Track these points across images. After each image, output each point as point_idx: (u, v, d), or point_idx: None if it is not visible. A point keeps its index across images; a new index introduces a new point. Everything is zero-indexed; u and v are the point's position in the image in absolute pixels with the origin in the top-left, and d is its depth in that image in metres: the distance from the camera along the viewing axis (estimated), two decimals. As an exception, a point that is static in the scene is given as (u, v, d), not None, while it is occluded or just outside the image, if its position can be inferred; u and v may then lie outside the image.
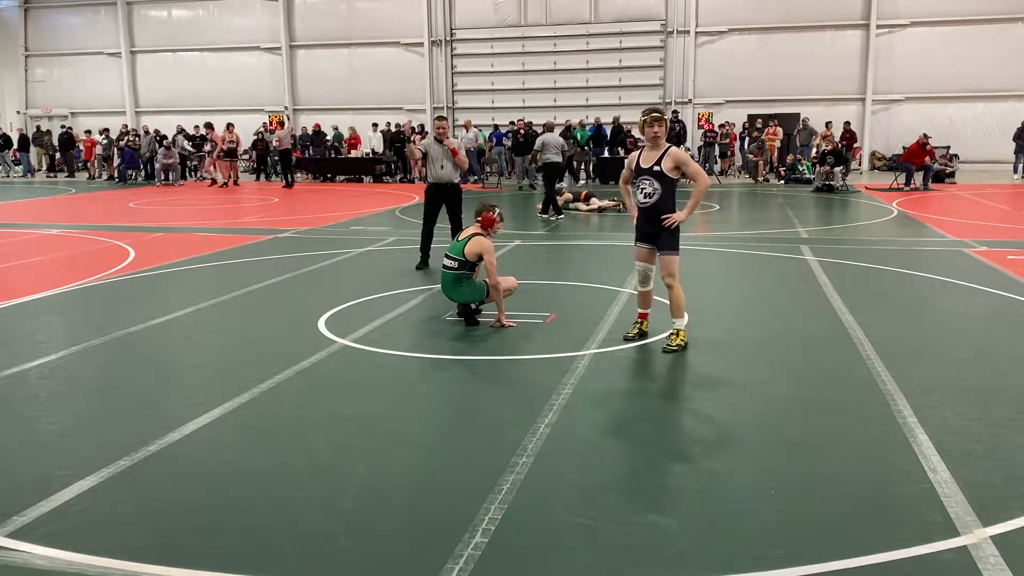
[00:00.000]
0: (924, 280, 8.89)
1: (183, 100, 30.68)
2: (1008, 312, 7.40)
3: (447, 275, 7.03)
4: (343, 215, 15.84)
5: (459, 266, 6.96)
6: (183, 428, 4.70)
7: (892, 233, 12.85)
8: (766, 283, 9.16)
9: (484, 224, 7.14)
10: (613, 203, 16.21)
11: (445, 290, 7.11)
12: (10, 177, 28.29)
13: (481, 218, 7.16)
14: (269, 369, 5.81)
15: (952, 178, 22.02)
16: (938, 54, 24.84)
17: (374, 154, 25.91)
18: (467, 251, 6.95)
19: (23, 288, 8.84)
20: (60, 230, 13.83)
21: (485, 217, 7.14)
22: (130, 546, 3.39)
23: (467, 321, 7.02)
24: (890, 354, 5.96)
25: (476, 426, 4.80)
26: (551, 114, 26.94)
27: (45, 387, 5.62)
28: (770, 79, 25.93)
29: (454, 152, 9.59)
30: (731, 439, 4.51)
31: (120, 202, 19.54)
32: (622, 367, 5.87)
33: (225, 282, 9.07)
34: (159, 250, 11.49)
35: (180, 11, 31.20)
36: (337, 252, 11.11)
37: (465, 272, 6.98)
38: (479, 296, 7.04)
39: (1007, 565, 3.14)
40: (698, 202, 6.10)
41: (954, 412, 4.81)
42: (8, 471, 4.20)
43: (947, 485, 3.84)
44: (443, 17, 28.35)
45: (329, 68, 29.67)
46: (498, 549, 3.33)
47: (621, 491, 3.90)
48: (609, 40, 26.96)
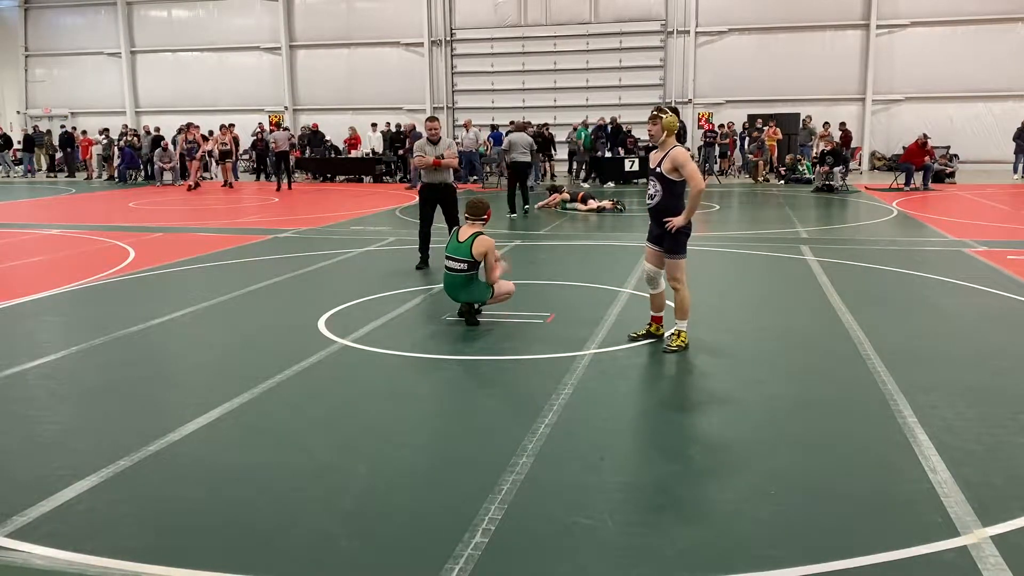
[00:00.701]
0: (924, 280, 8.89)
1: (183, 100, 30.69)
2: (1008, 312, 7.40)
3: (456, 277, 6.99)
4: (343, 215, 15.84)
5: (468, 267, 6.96)
6: (183, 428, 4.70)
7: (892, 233, 12.85)
8: (766, 283, 9.16)
9: (485, 220, 7.15)
10: (611, 203, 16.24)
11: (451, 292, 7.08)
12: (10, 177, 28.29)
13: (486, 215, 7.16)
14: (269, 369, 5.81)
15: (952, 178, 22.02)
16: (938, 54, 24.84)
17: (374, 154, 25.91)
18: (475, 251, 6.94)
19: (23, 288, 8.84)
20: (60, 230, 13.83)
21: (488, 214, 7.17)
22: (130, 546, 3.39)
23: (467, 321, 7.02)
24: (890, 354, 5.96)
25: (476, 426, 4.80)
26: (551, 114, 27.03)
27: (45, 387, 5.62)
28: (770, 79, 25.93)
29: (436, 163, 9.54)
30: (731, 439, 4.51)
31: (120, 202, 19.54)
32: (622, 367, 5.86)
33: (225, 282, 9.07)
34: (159, 250, 11.49)
35: (180, 11, 31.20)
36: (337, 252, 11.11)
37: (474, 273, 6.98)
38: (486, 295, 7.04)
39: (1007, 565, 3.14)
40: (695, 206, 6.01)
41: (954, 412, 4.81)
42: (8, 471, 4.20)
43: (947, 485, 3.84)
44: (443, 17, 28.35)
45: (329, 68, 29.67)
46: (498, 549, 3.33)
47: (621, 491, 3.90)
48: (609, 40, 26.96)
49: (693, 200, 5.98)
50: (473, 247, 6.94)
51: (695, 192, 5.95)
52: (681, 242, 6.11)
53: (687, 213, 6.01)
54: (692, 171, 5.96)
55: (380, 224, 14.29)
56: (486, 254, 6.93)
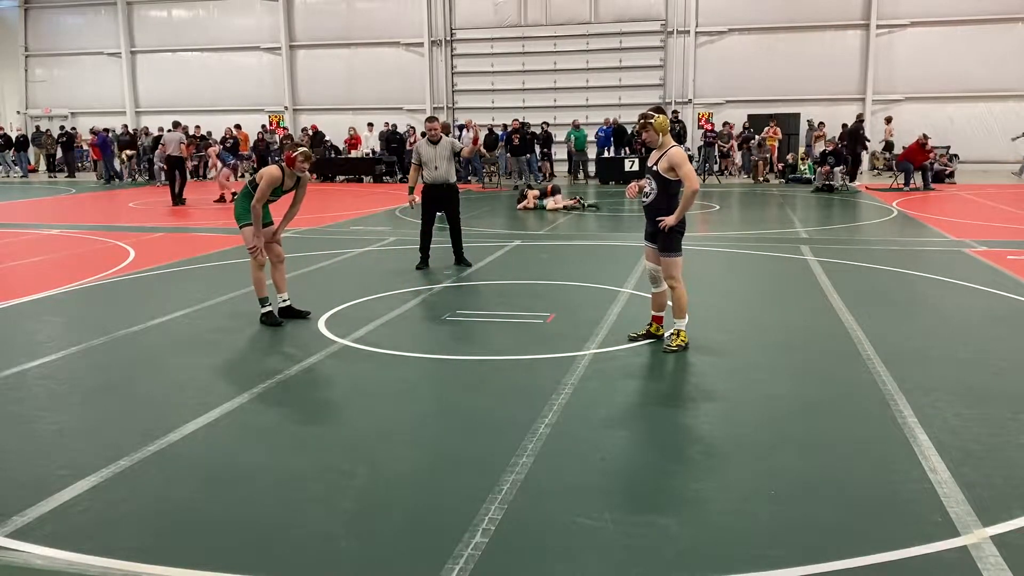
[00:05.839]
0: (924, 280, 8.89)
1: (183, 100, 30.66)
2: (1008, 312, 7.40)
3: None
4: (343, 215, 15.85)
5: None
6: (183, 428, 4.70)
7: (892, 233, 12.85)
8: (766, 283, 9.16)
9: (287, 162, 7.06)
10: (575, 200, 16.61)
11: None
12: (10, 177, 28.30)
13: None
14: (269, 369, 5.81)
15: (952, 178, 22.02)
16: (938, 54, 24.83)
17: (374, 154, 25.91)
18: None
19: (23, 288, 8.84)
20: (60, 230, 13.83)
21: (287, 156, 7.07)
22: (130, 546, 3.39)
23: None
24: (890, 354, 5.96)
25: (476, 426, 4.80)
26: (551, 114, 27.01)
27: (45, 387, 5.62)
28: (770, 79, 25.92)
29: (475, 142, 9.41)
30: (731, 439, 4.51)
31: (120, 202, 19.54)
32: (622, 367, 5.86)
33: (225, 282, 9.07)
34: (159, 250, 11.49)
35: (180, 11, 31.19)
36: (337, 252, 11.11)
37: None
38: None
39: (1007, 565, 3.14)
40: (687, 205, 6.02)
41: (954, 412, 4.80)
42: (8, 471, 4.20)
43: (947, 485, 3.84)
44: (443, 17, 28.34)
45: (329, 68, 29.66)
46: (498, 549, 3.32)
47: (621, 491, 3.90)
48: (609, 40, 26.95)
49: (686, 199, 6.00)
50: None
51: (689, 192, 5.97)
52: (674, 240, 6.12)
53: (679, 212, 6.03)
54: (688, 172, 5.99)
55: (380, 224, 14.29)
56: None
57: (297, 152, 7.01)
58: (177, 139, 19.00)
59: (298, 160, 7.00)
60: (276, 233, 7.35)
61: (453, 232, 9.99)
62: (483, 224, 14.18)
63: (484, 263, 10.15)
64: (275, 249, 7.34)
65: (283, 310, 7.29)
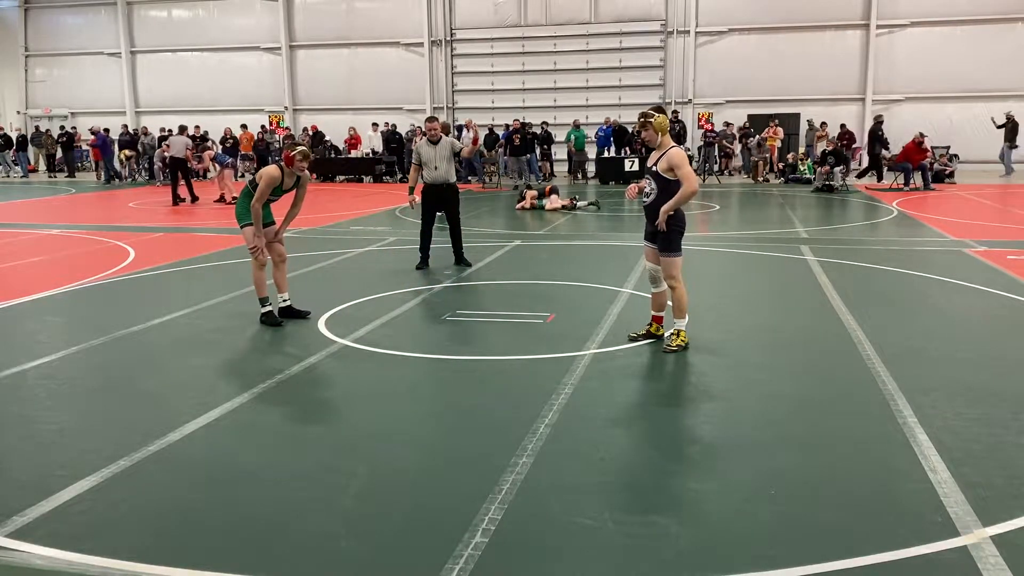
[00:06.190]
0: (924, 280, 8.89)
1: (183, 100, 30.67)
2: (1008, 312, 7.40)
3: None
4: (343, 215, 15.85)
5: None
6: (183, 428, 4.70)
7: (892, 233, 12.85)
8: (766, 283, 9.16)
9: (285, 161, 7.07)
10: (571, 200, 16.69)
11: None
12: (10, 177, 28.30)
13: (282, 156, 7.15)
14: (269, 369, 5.81)
15: (952, 178, 22.02)
16: (938, 54, 24.83)
17: (374, 154, 25.91)
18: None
19: (23, 288, 8.84)
20: (60, 230, 13.83)
21: (285, 155, 7.09)
22: (130, 546, 3.39)
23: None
24: (890, 354, 5.96)
25: (476, 426, 4.80)
26: (551, 114, 27.02)
27: (45, 387, 5.62)
28: (770, 79, 25.92)
29: (475, 142, 9.45)
30: (731, 439, 4.51)
31: (120, 202, 19.54)
32: (622, 367, 5.86)
33: (225, 282, 9.07)
34: (159, 250, 11.49)
35: (180, 11, 31.19)
36: (337, 252, 11.11)
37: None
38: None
39: (1007, 565, 3.14)
40: (679, 202, 5.97)
41: (954, 412, 4.80)
42: (8, 471, 4.20)
43: (947, 485, 3.84)
44: (443, 17, 28.34)
45: (329, 68, 29.66)
46: (498, 549, 3.32)
47: (621, 491, 3.90)
48: (609, 40, 26.95)
49: (680, 196, 5.96)
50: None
51: (684, 192, 5.95)
52: (674, 240, 6.12)
53: (670, 205, 5.98)
54: (687, 173, 5.99)
55: (380, 224, 14.29)
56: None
57: (295, 151, 7.01)
58: (183, 143, 19.28)
59: (296, 159, 7.00)
60: (278, 233, 7.35)
61: (453, 232, 9.99)
62: (483, 224, 14.18)
63: (484, 263, 10.15)
64: (277, 248, 7.34)
65: (283, 310, 7.29)
